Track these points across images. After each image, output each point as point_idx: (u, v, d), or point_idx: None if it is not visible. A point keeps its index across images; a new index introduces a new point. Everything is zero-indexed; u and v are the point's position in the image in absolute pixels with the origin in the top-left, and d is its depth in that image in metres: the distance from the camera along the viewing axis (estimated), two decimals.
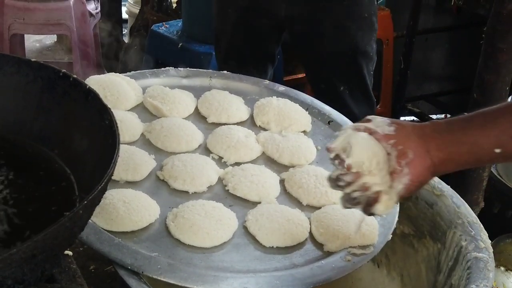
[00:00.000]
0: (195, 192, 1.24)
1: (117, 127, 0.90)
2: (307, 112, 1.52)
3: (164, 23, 3.06)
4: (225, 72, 1.65)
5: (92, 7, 3.21)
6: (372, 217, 1.20)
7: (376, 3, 2.08)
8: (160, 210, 1.17)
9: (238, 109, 1.49)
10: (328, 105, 1.56)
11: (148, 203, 1.17)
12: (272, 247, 1.15)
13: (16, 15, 3.01)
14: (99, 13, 3.31)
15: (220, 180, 1.29)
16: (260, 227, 1.17)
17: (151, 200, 1.18)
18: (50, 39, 4.57)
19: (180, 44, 2.83)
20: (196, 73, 1.62)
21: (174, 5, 3.62)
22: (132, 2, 4.18)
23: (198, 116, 1.48)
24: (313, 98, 1.59)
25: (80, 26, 3.10)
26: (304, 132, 1.47)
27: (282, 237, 1.16)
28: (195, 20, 2.86)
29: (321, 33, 1.94)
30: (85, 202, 0.75)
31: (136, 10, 4.00)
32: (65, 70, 1.03)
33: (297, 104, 1.52)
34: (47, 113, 1.04)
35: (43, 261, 0.73)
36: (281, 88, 1.59)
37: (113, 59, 3.52)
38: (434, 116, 3.58)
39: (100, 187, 0.77)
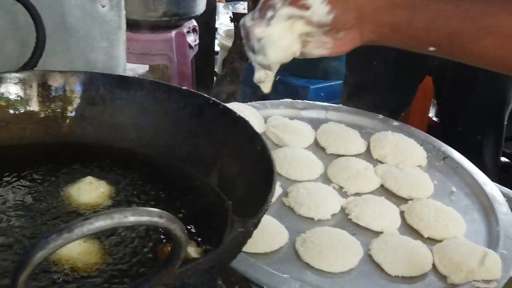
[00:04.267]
0: (319, 220, 1.29)
1: (270, 152, 0.96)
2: (422, 147, 1.56)
3: None
4: (339, 105, 1.70)
5: (191, 39, 3.33)
6: (494, 252, 1.22)
7: None
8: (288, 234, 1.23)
9: (355, 141, 1.53)
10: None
11: (278, 227, 1.23)
12: (397, 276, 1.18)
13: None
14: (198, 45, 3.43)
15: (342, 208, 1.34)
16: (385, 256, 1.20)
17: (280, 225, 1.24)
18: (142, 68, 4.74)
19: (278, 77, 2.89)
20: (313, 105, 1.69)
21: None
22: (224, 35, 4.32)
23: (317, 147, 1.53)
24: (427, 134, 1.62)
25: (180, 57, 3.23)
26: (419, 166, 1.51)
27: (407, 266, 1.19)
28: None
29: (472, 82, 1.92)
30: (255, 220, 0.81)
31: (228, 43, 4.13)
32: (214, 98, 1.11)
33: (412, 139, 1.56)
34: (195, 137, 1.11)
35: (216, 273, 0.79)
36: (395, 123, 1.63)
37: (205, 90, 3.64)
38: None
39: (266, 207, 0.83)
